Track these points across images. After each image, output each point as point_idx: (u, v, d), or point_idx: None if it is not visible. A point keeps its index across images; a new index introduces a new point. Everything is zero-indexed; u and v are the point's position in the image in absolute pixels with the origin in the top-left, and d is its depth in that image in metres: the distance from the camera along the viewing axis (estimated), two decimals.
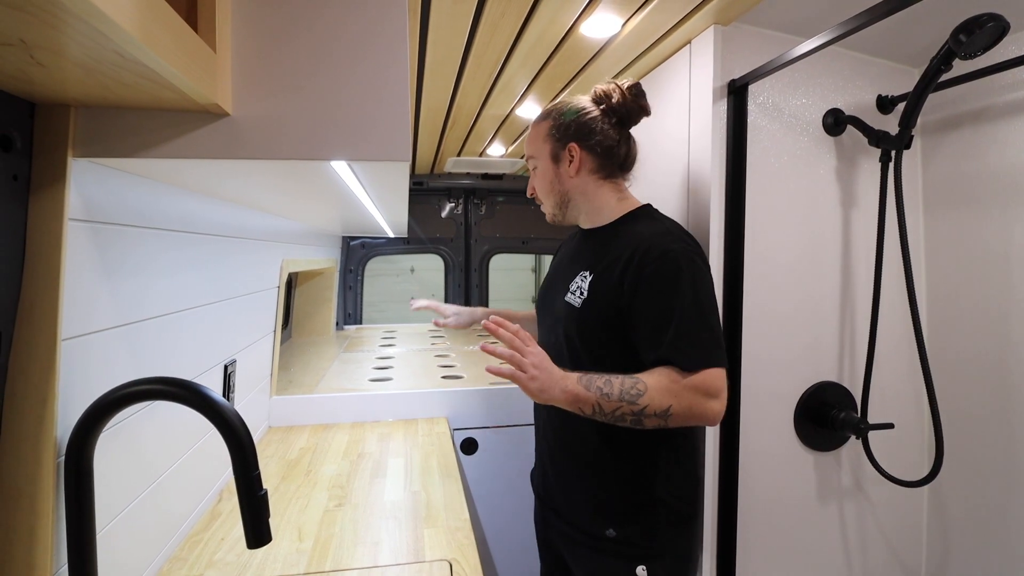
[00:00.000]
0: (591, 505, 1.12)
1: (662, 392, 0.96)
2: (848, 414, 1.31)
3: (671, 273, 1.00)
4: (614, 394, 0.96)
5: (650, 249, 1.02)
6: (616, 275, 1.05)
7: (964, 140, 1.34)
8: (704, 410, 0.97)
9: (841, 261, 1.36)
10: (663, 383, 0.97)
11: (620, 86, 1.13)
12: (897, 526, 1.44)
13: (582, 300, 1.10)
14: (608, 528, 1.09)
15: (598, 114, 1.13)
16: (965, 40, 0.94)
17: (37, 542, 0.63)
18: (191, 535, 1.07)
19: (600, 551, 1.11)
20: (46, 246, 0.63)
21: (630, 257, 1.03)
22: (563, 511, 1.18)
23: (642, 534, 1.08)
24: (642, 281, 1.01)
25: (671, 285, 0.99)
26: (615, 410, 0.96)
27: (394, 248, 3.42)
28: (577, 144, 1.13)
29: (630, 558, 1.08)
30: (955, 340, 1.37)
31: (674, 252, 1.01)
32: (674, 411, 0.96)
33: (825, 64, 1.33)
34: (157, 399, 0.67)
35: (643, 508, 1.08)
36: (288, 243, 1.87)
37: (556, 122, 1.15)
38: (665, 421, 0.96)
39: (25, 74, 0.53)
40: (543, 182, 1.19)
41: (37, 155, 0.63)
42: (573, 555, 1.18)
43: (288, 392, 1.78)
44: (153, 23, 0.48)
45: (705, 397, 0.96)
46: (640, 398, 0.95)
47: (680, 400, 0.96)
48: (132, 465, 0.84)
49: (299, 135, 0.68)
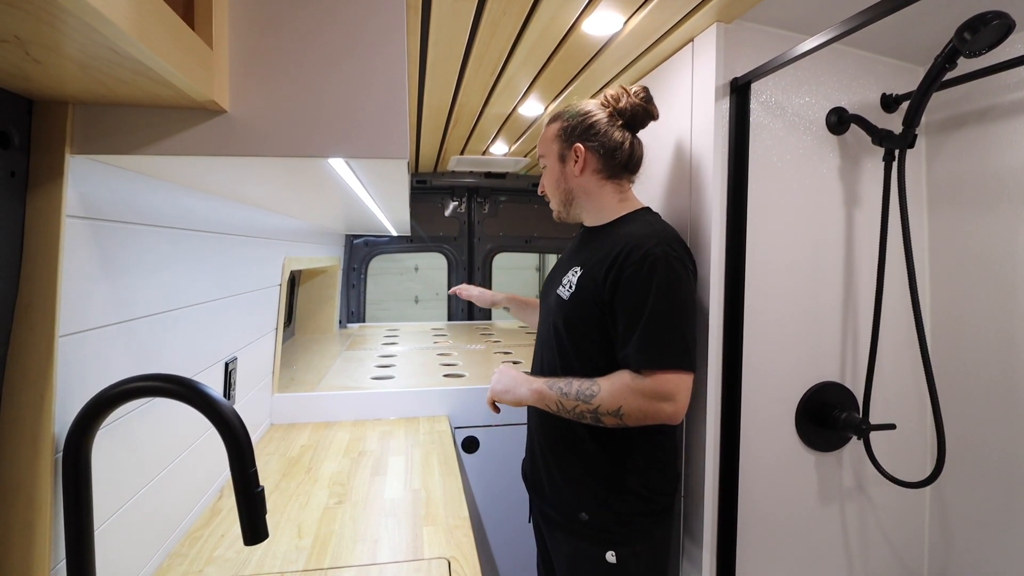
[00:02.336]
0: (568, 489, 1.19)
1: (613, 394, 1.04)
2: (850, 414, 1.30)
3: (647, 275, 1.05)
4: (572, 393, 1.08)
5: (633, 250, 1.07)
6: (602, 273, 1.11)
7: (969, 139, 1.33)
8: (655, 411, 1.03)
9: (844, 260, 1.35)
10: (615, 386, 1.05)
11: (628, 90, 1.19)
12: (899, 527, 1.43)
13: (569, 294, 1.18)
14: (581, 512, 1.16)
15: (604, 117, 1.18)
16: (970, 38, 0.93)
17: (35, 537, 0.63)
18: (191, 531, 1.07)
19: (574, 534, 1.18)
20: (44, 243, 0.63)
21: (615, 256, 1.09)
22: (546, 494, 1.25)
23: (613, 521, 1.14)
24: (621, 281, 1.07)
25: (645, 287, 1.04)
26: (574, 408, 1.08)
27: (397, 246, 3.42)
28: (582, 144, 1.18)
29: (601, 542, 1.14)
30: (958, 340, 1.36)
31: (654, 255, 1.05)
32: (625, 411, 1.04)
33: (829, 62, 1.32)
34: (154, 396, 0.67)
35: (614, 496, 1.15)
36: (290, 241, 1.87)
37: (564, 123, 1.21)
38: (621, 420, 1.05)
39: (22, 71, 0.53)
40: (550, 180, 1.26)
41: (35, 152, 0.63)
42: (553, 538, 1.25)
43: (290, 390, 1.79)
44: (148, 20, 0.48)
45: (655, 400, 1.03)
46: (593, 398, 1.06)
47: (628, 402, 1.03)
48: (131, 462, 0.85)
49: (296, 132, 0.68)
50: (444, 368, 2.16)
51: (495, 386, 1.23)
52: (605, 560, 1.13)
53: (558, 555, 1.24)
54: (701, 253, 1.27)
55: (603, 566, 1.14)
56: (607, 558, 1.13)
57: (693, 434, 1.31)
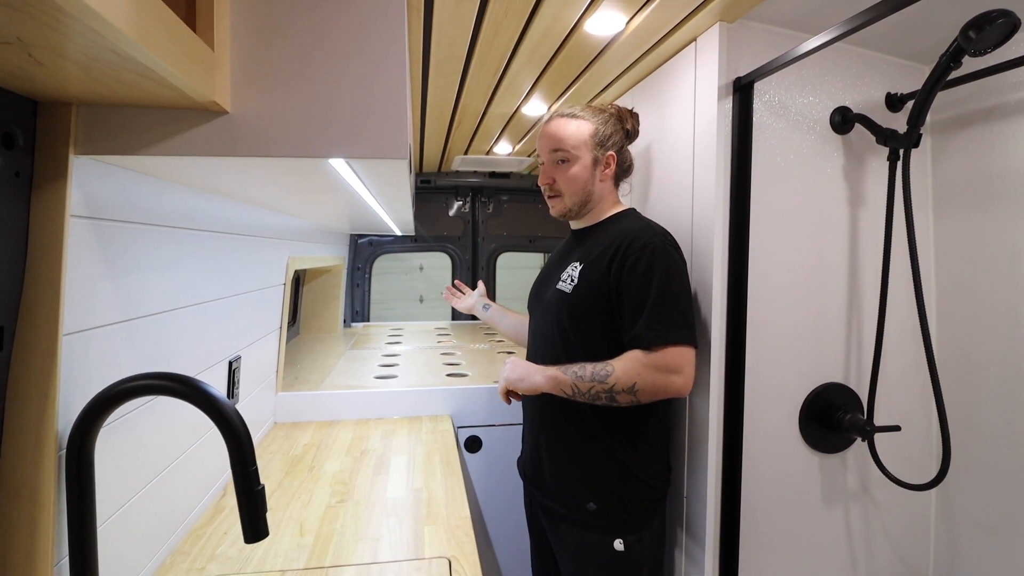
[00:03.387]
0: (575, 479, 1.23)
1: (627, 371, 1.11)
2: (854, 416, 1.30)
3: (648, 261, 1.14)
4: (587, 376, 1.13)
5: (633, 240, 1.17)
6: (605, 263, 1.19)
7: (974, 139, 1.32)
8: (667, 384, 1.11)
9: (848, 261, 1.35)
10: (628, 364, 1.11)
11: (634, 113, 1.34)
12: (904, 530, 1.43)
13: (573, 286, 1.24)
14: (589, 502, 1.20)
15: (621, 129, 1.31)
16: (975, 37, 0.92)
17: (39, 533, 0.64)
18: (194, 529, 1.08)
19: (581, 525, 1.21)
20: (48, 242, 0.64)
21: (617, 248, 1.18)
22: (548, 487, 1.28)
23: (620, 508, 1.19)
24: (625, 268, 1.15)
25: (648, 271, 1.13)
26: (589, 389, 1.12)
27: (402, 246, 3.43)
28: (615, 154, 1.29)
29: (609, 531, 1.19)
30: (964, 341, 1.35)
31: (653, 244, 1.16)
32: (639, 387, 1.10)
33: (833, 61, 1.31)
34: (156, 394, 0.67)
35: (621, 483, 1.20)
36: (294, 240, 1.88)
37: (602, 128, 1.27)
38: (636, 396, 1.11)
39: (26, 72, 0.54)
40: (575, 180, 1.27)
41: (39, 152, 0.64)
42: (556, 531, 1.27)
43: (294, 388, 1.79)
44: (149, 22, 0.48)
45: (666, 373, 1.11)
46: (608, 378, 1.11)
47: (643, 377, 1.10)
48: (134, 459, 0.85)
49: (296, 133, 0.68)
50: (447, 368, 2.16)
51: (509, 375, 1.23)
52: (613, 548, 1.17)
53: (562, 548, 1.26)
54: (703, 253, 1.27)
55: (611, 554, 1.17)
56: (615, 546, 1.18)
57: (695, 434, 1.31)
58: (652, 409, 1.21)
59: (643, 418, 1.21)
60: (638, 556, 1.19)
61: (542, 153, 1.30)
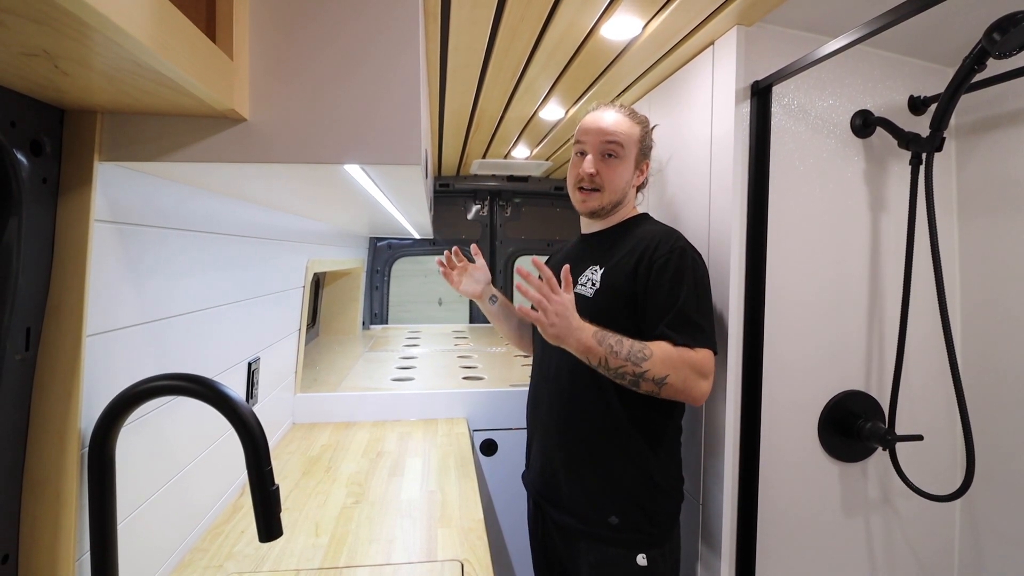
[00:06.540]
0: (596, 493, 1.19)
1: (664, 362, 1.06)
2: (875, 424, 1.27)
3: (678, 264, 1.13)
4: (622, 353, 1.06)
5: (660, 243, 1.17)
6: (631, 265, 1.17)
7: (1000, 143, 1.29)
8: (695, 386, 1.08)
9: (869, 267, 1.32)
10: (668, 354, 1.07)
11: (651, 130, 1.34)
12: (927, 542, 1.39)
13: (594, 290, 1.21)
14: (611, 515, 1.16)
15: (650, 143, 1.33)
16: (999, 39, 0.90)
17: (61, 528, 0.66)
18: (213, 527, 1.10)
19: (603, 540, 1.17)
20: (73, 246, 0.66)
21: (644, 250, 1.17)
22: (564, 502, 1.23)
23: (645, 521, 1.16)
24: (654, 269, 1.14)
25: (678, 275, 1.13)
26: (619, 367, 1.06)
27: (420, 249, 3.45)
28: (648, 162, 1.31)
29: (631, 545, 1.15)
30: (988, 349, 1.32)
31: (682, 247, 1.16)
32: (669, 381, 1.06)
33: (853, 64, 1.29)
34: (175, 395, 0.69)
35: (644, 493, 1.17)
36: (314, 243, 1.91)
37: (646, 136, 1.29)
38: (658, 389, 1.07)
39: (53, 82, 0.56)
40: (620, 177, 1.26)
41: (66, 159, 0.66)
42: (572, 548, 1.22)
43: (312, 390, 1.82)
44: (169, 34, 0.50)
45: (698, 375, 1.09)
46: (644, 362, 1.06)
47: (678, 373, 1.07)
48: (155, 458, 0.87)
49: (311, 140, 0.70)
50: (464, 371, 2.17)
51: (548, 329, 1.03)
52: (636, 564, 1.14)
53: (579, 565, 1.21)
54: (721, 257, 1.26)
55: (634, 570, 1.14)
56: (638, 561, 1.14)
57: (712, 441, 1.30)
58: (671, 414, 1.19)
59: (663, 424, 1.19)
60: (661, 570, 1.16)
61: (588, 141, 1.24)
